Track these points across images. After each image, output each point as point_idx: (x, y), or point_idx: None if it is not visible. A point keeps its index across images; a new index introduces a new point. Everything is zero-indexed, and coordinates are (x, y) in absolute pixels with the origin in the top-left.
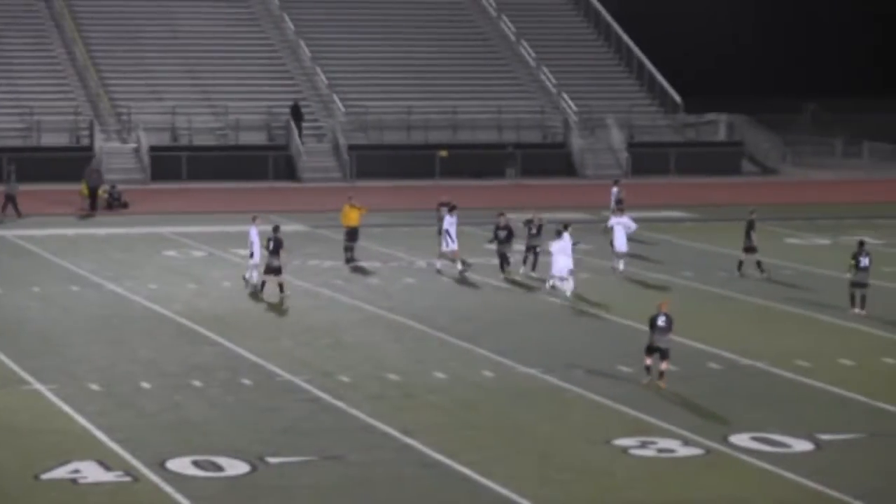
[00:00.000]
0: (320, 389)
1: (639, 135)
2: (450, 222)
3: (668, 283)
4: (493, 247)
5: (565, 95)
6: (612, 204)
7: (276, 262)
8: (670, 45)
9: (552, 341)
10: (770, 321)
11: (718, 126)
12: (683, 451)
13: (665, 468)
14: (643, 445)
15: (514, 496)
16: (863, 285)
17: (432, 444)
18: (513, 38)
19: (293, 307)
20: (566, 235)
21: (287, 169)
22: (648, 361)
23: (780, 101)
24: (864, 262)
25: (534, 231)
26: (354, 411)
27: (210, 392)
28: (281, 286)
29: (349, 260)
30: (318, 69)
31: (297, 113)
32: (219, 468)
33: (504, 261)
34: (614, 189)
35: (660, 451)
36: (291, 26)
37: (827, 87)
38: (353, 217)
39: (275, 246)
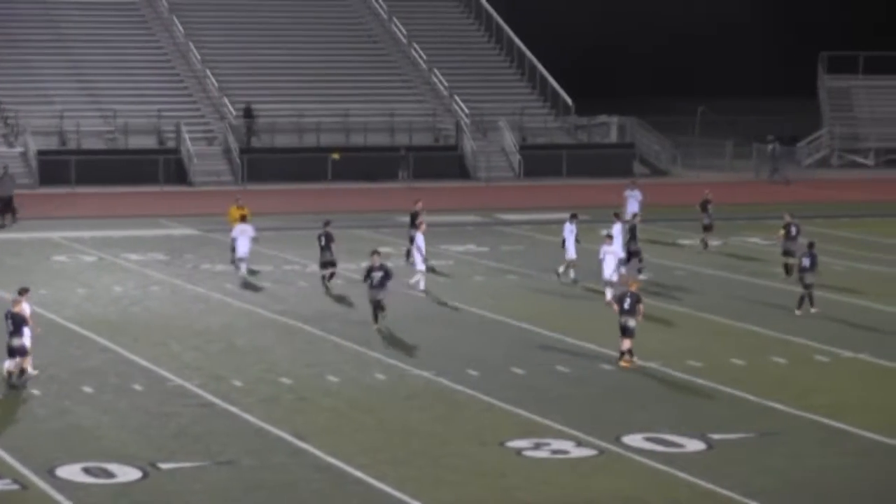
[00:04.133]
0: (212, 394)
1: (531, 137)
2: (570, 230)
3: (562, 284)
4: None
5: (457, 98)
6: (627, 210)
7: (330, 256)
8: (561, 47)
9: (444, 344)
10: (662, 322)
11: (610, 128)
12: (577, 451)
13: (559, 469)
14: (537, 447)
15: (407, 499)
16: (806, 286)
17: (325, 447)
18: (404, 40)
19: (185, 311)
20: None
21: (178, 172)
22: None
23: (671, 103)
24: (805, 262)
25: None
26: (247, 415)
27: (101, 398)
28: (332, 276)
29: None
30: (209, 72)
31: (249, 114)
32: (110, 475)
33: (378, 308)
34: (628, 192)
35: (553, 452)
36: (181, 29)
37: (716, 89)
38: (239, 218)
39: (327, 241)
